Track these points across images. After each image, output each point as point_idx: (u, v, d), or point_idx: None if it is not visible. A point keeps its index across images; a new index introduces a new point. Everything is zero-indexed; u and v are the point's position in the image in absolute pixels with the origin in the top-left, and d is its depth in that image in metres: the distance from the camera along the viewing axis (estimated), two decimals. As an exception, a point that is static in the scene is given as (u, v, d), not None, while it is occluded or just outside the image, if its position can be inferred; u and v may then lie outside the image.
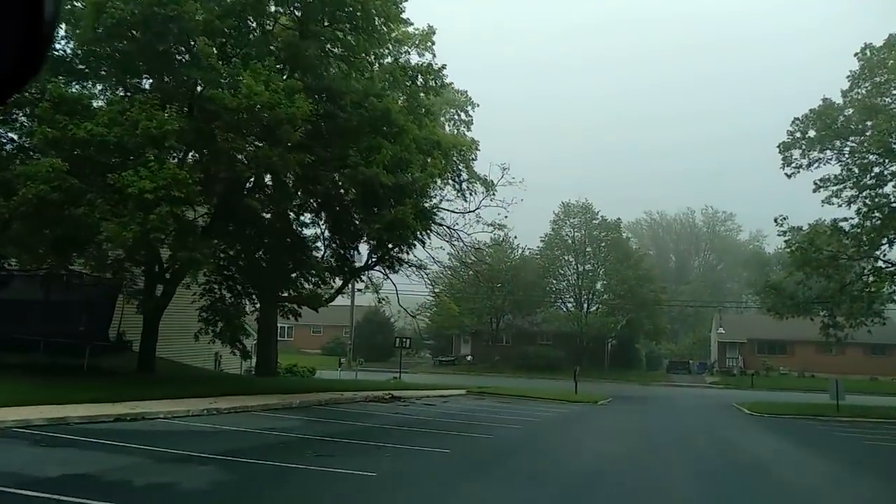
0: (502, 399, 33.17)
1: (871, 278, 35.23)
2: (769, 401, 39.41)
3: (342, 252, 23.18)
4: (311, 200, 21.64)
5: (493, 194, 29.27)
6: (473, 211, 29.85)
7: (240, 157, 18.50)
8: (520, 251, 63.31)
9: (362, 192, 19.39)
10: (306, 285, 25.90)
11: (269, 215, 20.97)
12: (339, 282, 28.73)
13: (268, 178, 20.68)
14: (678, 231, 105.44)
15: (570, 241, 61.07)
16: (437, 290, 32.96)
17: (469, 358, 62.43)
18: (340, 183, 19.42)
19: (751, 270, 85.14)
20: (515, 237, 63.24)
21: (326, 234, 23.94)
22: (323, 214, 22.55)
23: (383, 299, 34.59)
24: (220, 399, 18.22)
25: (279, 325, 77.83)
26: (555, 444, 15.63)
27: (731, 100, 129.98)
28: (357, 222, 20.19)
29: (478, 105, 33.42)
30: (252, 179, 20.37)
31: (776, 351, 63.79)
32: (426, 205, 24.84)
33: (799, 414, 31.61)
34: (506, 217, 29.95)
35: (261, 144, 17.88)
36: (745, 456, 15.88)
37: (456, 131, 30.84)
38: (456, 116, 32.87)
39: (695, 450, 16.35)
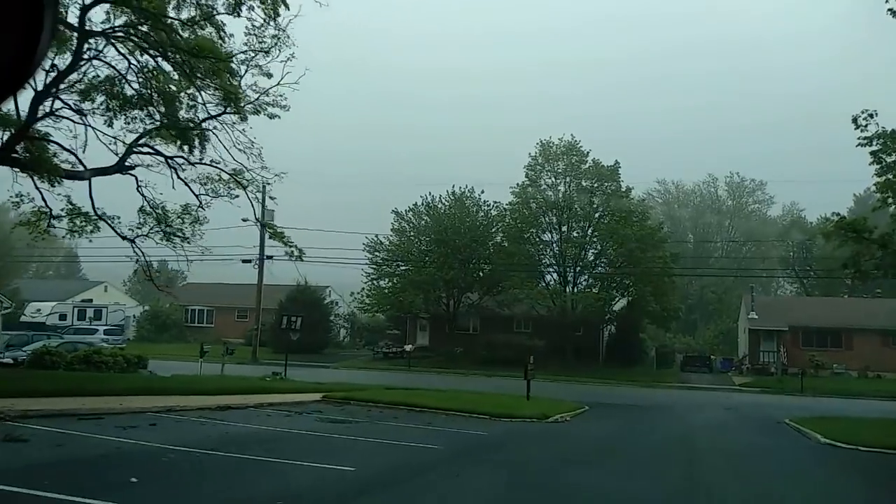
0: (369, 412, 18.27)
1: None
2: (838, 415, 24.29)
3: None
4: None
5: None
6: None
7: None
8: (485, 207, 48.09)
9: None
10: None
11: None
12: None
13: None
14: (697, 205, 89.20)
15: (551, 195, 45.61)
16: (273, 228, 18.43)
17: (409, 348, 47.42)
18: None
19: (786, 247, 69.28)
20: (482, 192, 48.23)
21: None
22: None
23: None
24: None
25: (194, 308, 63.98)
26: None
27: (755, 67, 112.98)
28: None
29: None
30: None
31: (827, 343, 48.00)
32: None
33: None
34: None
35: None
36: None
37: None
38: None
39: None
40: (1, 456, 8.65)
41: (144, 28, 16.40)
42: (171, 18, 16.61)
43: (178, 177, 20.16)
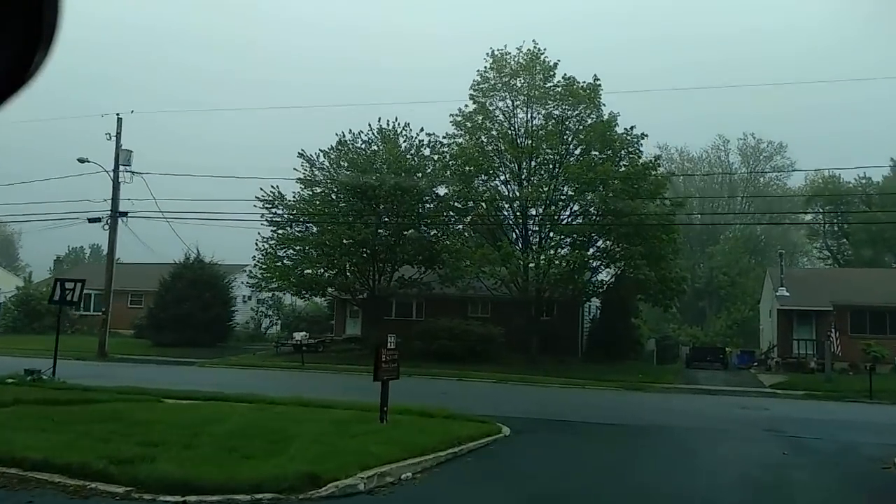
0: None
1: None
2: None
3: None
4: None
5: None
6: None
7: None
8: (423, 148, 35.67)
9: None
10: None
11: None
12: None
13: None
14: (704, 175, 76.35)
15: (507, 127, 33.20)
16: None
17: (300, 337, 35.17)
18: None
19: (815, 213, 56.81)
20: (422, 129, 35.75)
21: None
22: None
23: None
24: None
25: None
26: None
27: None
28: None
29: None
30: None
31: (885, 328, 35.36)
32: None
33: None
34: None
35: None
36: None
37: None
38: None
39: None
40: None
41: None
42: None
43: None
